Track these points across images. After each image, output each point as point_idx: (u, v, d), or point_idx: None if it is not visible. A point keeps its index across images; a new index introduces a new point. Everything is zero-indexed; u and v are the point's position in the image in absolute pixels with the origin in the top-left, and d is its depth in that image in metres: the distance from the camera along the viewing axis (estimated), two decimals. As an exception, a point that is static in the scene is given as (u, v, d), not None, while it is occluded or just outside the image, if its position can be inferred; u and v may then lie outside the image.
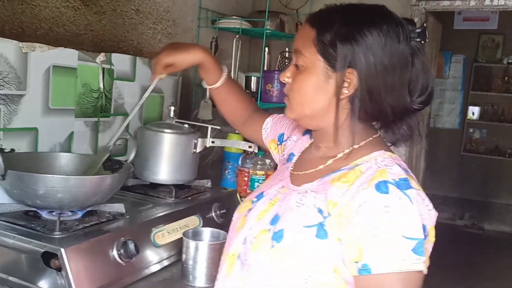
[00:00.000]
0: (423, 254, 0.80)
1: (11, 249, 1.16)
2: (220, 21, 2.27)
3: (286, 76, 0.98)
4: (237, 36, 2.20)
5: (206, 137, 1.75)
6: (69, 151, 1.55)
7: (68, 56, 1.51)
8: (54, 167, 1.43)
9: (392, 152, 0.93)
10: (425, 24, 0.95)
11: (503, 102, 5.84)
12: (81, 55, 1.55)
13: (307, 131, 1.13)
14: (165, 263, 1.37)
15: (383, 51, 0.87)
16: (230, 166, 2.20)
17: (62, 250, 1.08)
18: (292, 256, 0.87)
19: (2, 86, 1.33)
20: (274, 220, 0.93)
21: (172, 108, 1.77)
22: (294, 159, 1.09)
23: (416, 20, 2.66)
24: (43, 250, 1.11)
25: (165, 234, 1.39)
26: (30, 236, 1.15)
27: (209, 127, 1.76)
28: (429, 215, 0.85)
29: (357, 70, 0.88)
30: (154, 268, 1.33)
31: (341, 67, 0.89)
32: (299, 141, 1.15)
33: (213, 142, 1.74)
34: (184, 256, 1.33)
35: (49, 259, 1.10)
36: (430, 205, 0.86)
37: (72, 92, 1.55)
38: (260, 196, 1.04)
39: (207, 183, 1.82)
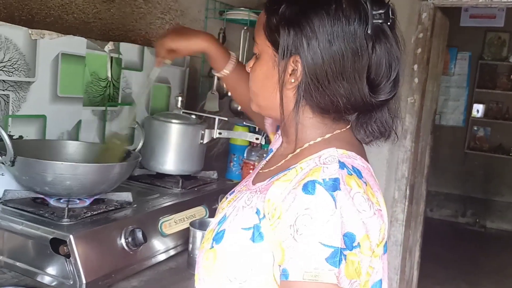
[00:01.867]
0: (337, 264, 0.69)
1: (19, 235, 1.17)
2: (227, 12, 2.27)
3: (249, 66, 0.93)
4: (245, 28, 2.19)
5: (213, 128, 1.75)
6: (76, 139, 1.55)
7: (76, 44, 1.51)
8: (62, 154, 1.43)
9: (351, 150, 0.84)
10: (389, 2, 0.82)
11: (508, 100, 5.82)
12: (89, 43, 1.55)
13: None
14: (171, 252, 1.38)
15: (330, 35, 0.78)
16: (235, 158, 2.20)
17: (71, 236, 1.08)
18: (227, 259, 0.82)
19: (11, 73, 1.33)
20: (222, 220, 0.89)
21: (180, 98, 1.77)
22: (270, 155, 1.03)
23: (424, 15, 2.65)
24: (51, 237, 1.11)
25: (172, 223, 1.39)
26: (38, 222, 1.16)
27: (216, 118, 1.76)
28: (364, 222, 0.73)
29: (301, 56, 0.79)
30: (161, 257, 1.34)
31: (283, 54, 0.81)
32: (279, 136, 1.08)
33: (220, 133, 1.74)
34: (190, 245, 1.33)
35: (57, 246, 1.10)
36: (371, 211, 0.75)
37: (80, 80, 1.55)
38: (232, 192, 1.00)
39: (213, 175, 1.83)
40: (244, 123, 1.90)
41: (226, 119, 1.81)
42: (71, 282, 1.10)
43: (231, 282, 0.80)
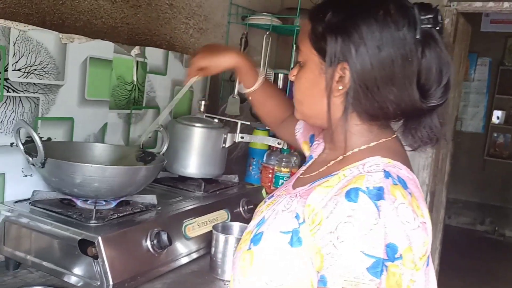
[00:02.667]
0: (378, 275, 0.69)
1: (46, 235, 1.19)
2: (250, 17, 2.28)
3: (293, 74, 0.93)
4: (267, 33, 2.20)
5: (234, 132, 1.76)
6: (102, 141, 1.58)
7: (104, 48, 1.54)
8: (88, 156, 1.46)
9: (396, 160, 0.82)
10: (438, 7, 0.81)
11: (528, 107, 5.75)
12: (116, 47, 1.58)
13: None
14: (194, 255, 1.39)
15: (379, 41, 0.78)
16: (254, 162, 2.21)
17: (99, 238, 1.10)
18: (264, 261, 0.82)
19: (42, 76, 1.35)
20: (260, 222, 0.90)
21: (203, 102, 1.79)
22: (311, 161, 1.04)
23: (447, 21, 2.63)
24: (80, 238, 1.13)
25: (195, 227, 1.41)
26: (67, 223, 1.18)
27: (239, 122, 1.78)
28: (407, 235, 0.72)
29: (349, 63, 0.80)
30: (184, 260, 1.35)
31: (331, 61, 0.81)
32: (321, 142, 1.09)
33: (242, 137, 1.76)
34: (213, 249, 1.34)
35: (85, 247, 1.12)
36: (415, 224, 0.73)
37: (107, 84, 1.58)
38: (271, 196, 1.01)
39: (234, 178, 1.84)
40: (266, 127, 1.91)
41: (248, 123, 1.83)
42: (98, 283, 1.11)
43: (267, 284, 0.80)
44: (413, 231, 0.73)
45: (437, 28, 0.80)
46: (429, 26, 0.79)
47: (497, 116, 5.89)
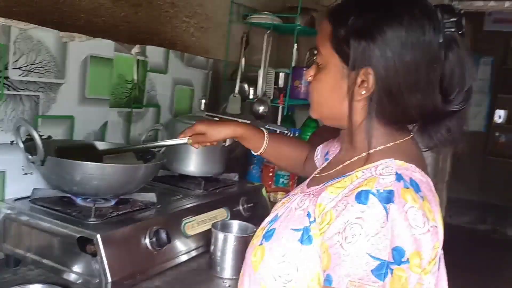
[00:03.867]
0: (382, 278, 0.69)
1: (46, 233, 1.20)
2: (251, 16, 2.28)
3: (309, 75, 0.92)
4: (268, 32, 2.20)
5: (235, 131, 1.76)
6: (102, 139, 1.58)
7: (105, 47, 1.54)
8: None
9: (410, 162, 0.81)
10: (462, 11, 0.80)
11: (531, 106, 5.74)
12: (117, 46, 1.58)
13: None
14: (193, 253, 1.40)
15: (404, 45, 0.77)
16: (255, 161, 2.21)
17: (98, 236, 1.11)
18: (274, 257, 0.83)
19: (42, 74, 1.36)
20: (273, 219, 0.91)
21: (203, 101, 1.80)
22: (326, 163, 1.04)
23: (448, 20, 2.63)
24: (79, 235, 1.14)
25: (195, 225, 1.41)
26: (66, 221, 1.18)
27: (239, 121, 1.78)
28: (416, 238, 0.72)
29: (373, 68, 0.79)
30: (183, 258, 1.36)
31: (354, 65, 0.80)
32: (337, 144, 1.09)
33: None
34: (212, 247, 1.35)
35: (84, 244, 1.13)
36: (425, 228, 0.73)
37: (108, 82, 1.58)
38: (286, 196, 1.01)
39: (235, 177, 1.84)
40: (266, 126, 1.92)
41: (248, 121, 1.83)
42: (97, 281, 1.12)
43: (276, 280, 0.81)
44: (423, 236, 0.73)
45: (460, 32, 0.80)
46: (452, 29, 0.79)
47: (499, 115, 5.88)
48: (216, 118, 1.78)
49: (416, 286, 0.74)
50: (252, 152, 1.31)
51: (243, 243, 1.28)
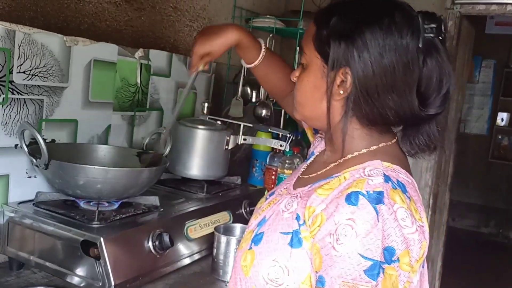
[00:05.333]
0: (375, 277, 0.70)
1: (50, 236, 1.20)
2: (254, 20, 2.29)
3: (295, 76, 0.93)
4: (270, 35, 2.21)
5: (237, 134, 1.77)
6: (106, 143, 1.59)
7: (108, 50, 1.55)
8: (92, 158, 1.47)
9: (396, 164, 0.83)
10: (442, 16, 0.82)
11: (534, 109, 5.73)
12: (120, 50, 1.59)
13: None
14: (196, 256, 1.40)
15: (382, 48, 0.79)
16: (257, 164, 2.21)
17: (102, 239, 1.11)
18: (265, 261, 0.83)
19: (46, 78, 1.37)
20: (261, 222, 0.91)
21: (206, 104, 1.80)
22: (311, 159, 1.04)
23: (450, 23, 2.63)
24: (82, 239, 1.14)
25: (197, 228, 1.42)
26: (69, 224, 1.19)
27: (242, 124, 1.78)
28: (405, 238, 0.73)
29: (351, 69, 0.80)
30: (186, 261, 1.36)
31: (333, 65, 0.82)
32: (323, 140, 1.07)
33: (245, 139, 1.77)
34: (215, 250, 1.35)
35: (88, 248, 1.13)
36: (413, 227, 0.75)
37: (111, 86, 1.59)
38: (272, 193, 1.01)
39: (237, 180, 1.85)
40: (269, 129, 1.92)
41: (250, 125, 1.83)
42: (100, 284, 1.13)
43: (267, 284, 0.82)
44: (412, 235, 0.74)
45: (440, 37, 0.81)
46: (432, 35, 0.80)
47: (502, 118, 5.87)
48: (219, 122, 1.79)
49: (405, 285, 0.75)
50: (242, 62, 1.26)
51: (246, 247, 1.28)
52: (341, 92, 0.83)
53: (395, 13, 0.81)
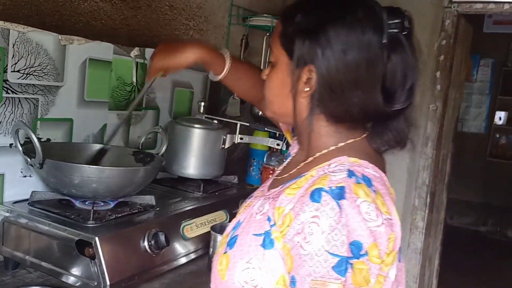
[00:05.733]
0: (343, 273, 0.70)
1: (45, 235, 1.20)
2: (251, 19, 2.28)
3: (265, 74, 0.93)
4: (267, 34, 2.20)
5: (234, 133, 1.77)
6: (101, 142, 1.58)
7: (104, 49, 1.55)
8: (88, 157, 1.46)
9: (363, 159, 0.83)
10: (406, 13, 0.82)
11: (531, 108, 5.74)
12: (116, 49, 1.58)
13: None
14: (192, 256, 1.40)
15: (345, 45, 0.79)
16: (255, 163, 2.21)
17: (97, 238, 1.11)
18: (239, 264, 0.83)
19: (41, 77, 1.36)
20: (236, 225, 0.90)
21: (202, 103, 1.80)
22: (287, 161, 1.03)
23: (447, 22, 2.63)
24: (77, 238, 1.14)
25: (194, 227, 1.41)
26: (65, 224, 1.19)
27: (238, 123, 1.78)
28: (371, 231, 0.73)
29: (315, 66, 0.80)
30: (182, 260, 1.36)
31: (298, 63, 0.82)
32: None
33: (241, 138, 1.76)
34: (211, 249, 1.35)
35: (83, 247, 1.13)
36: (378, 220, 0.74)
37: (107, 85, 1.58)
38: (250, 197, 1.00)
39: (234, 179, 1.84)
40: (266, 128, 1.92)
41: (247, 124, 1.83)
42: (95, 283, 1.12)
43: (243, 287, 0.81)
44: (377, 228, 0.74)
45: (404, 33, 0.81)
46: (396, 30, 0.80)
47: (500, 117, 5.88)
48: (215, 121, 1.78)
49: (379, 279, 0.75)
50: (210, 75, 1.26)
51: (242, 246, 1.28)
52: (307, 89, 0.83)
53: (358, 9, 0.81)
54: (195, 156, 1.69)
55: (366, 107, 0.81)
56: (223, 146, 1.74)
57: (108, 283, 1.11)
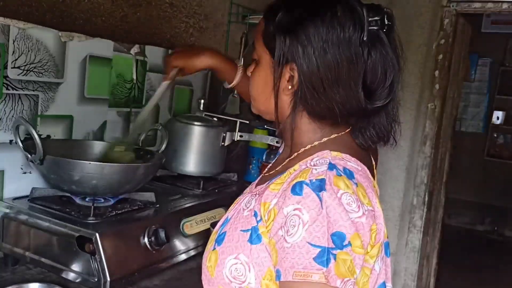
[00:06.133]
0: (325, 264, 0.70)
1: (45, 232, 1.20)
2: (250, 17, 2.28)
3: (250, 71, 0.94)
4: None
5: (234, 130, 1.77)
6: (101, 139, 1.58)
7: (104, 46, 1.55)
8: (88, 154, 1.47)
9: (345, 152, 0.84)
10: (386, 9, 0.82)
11: (529, 107, 5.75)
12: (116, 46, 1.58)
13: None
14: (192, 253, 1.40)
15: (325, 42, 0.79)
16: (254, 161, 2.21)
17: (97, 235, 1.11)
18: (227, 260, 0.83)
19: (41, 73, 1.36)
20: (224, 222, 0.91)
21: (202, 101, 1.80)
22: (275, 158, 1.05)
23: (446, 21, 2.64)
24: (78, 234, 1.14)
25: (193, 224, 1.42)
26: (65, 220, 1.19)
27: (238, 121, 1.78)
28: (353, 222, 0.73)
29: (296, 64, 0.81)
30: (181, 257, 1.36)
31: (279, 61, 0.83)
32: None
33: (241, 136, 1.77)
34: (211, 246, 1.35)
35: (83, 243, 1.13)
36: (360, 212, 0.75)
37: (107, 82, 1.58)
38: (241, 193, 1.02)
39: (233, 177, 1.85)
40: (265, 126, 1.92)
41: (247, 122, 1.83)
42: (96, 279, 1.13)
43: (231, 282, 0.82)
44: (359, 219, 0.75)
45: (384, 30, 0.81)
46: (376, 28, 0.80)
47: (497, 116, 5.89)
48: (215, 118, 1.79)
49: (365, 271, 0.76)
50: (224, 84, 1.35)
51: (242, 243, 1.28)
52: (289, 87, 0.84)
53: (338, 6, 0.81)
54: (194, 154, 1.69)
55: (348, 104, 0.82)
56: (222, 143, 1.74)
57: (108, 279, 1.11)
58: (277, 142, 1.78)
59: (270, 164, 1.03)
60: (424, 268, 3.00)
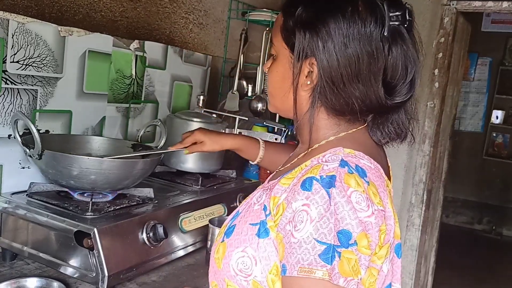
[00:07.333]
0: (329, 261, 0.69)
1: (43, 226, 1.20)
2: (250, 13, 2.28)
3: (266, 67, 0.93)
4: (267, 29, 2.20)
5: (233, 127, 1.76)
6: (100, 135, 1.58)
7: (103, 41, 1.54)
8: (86, 149, 1.47)
9: (359, 150, 0.82)
10: (407, 5, 0.81)
11: (528, 107, 5.75)
12: (115, 41, 1.58)
13: None
14: (190, 249, 1.40)
15: (346, 37, 0.78)
16: (253, 158, 2.21)
17: (95, 230, 1.11)
18: (234, 252, 0.83)
19: (40, 68, 1.36)
20: (235, 216, 0.91)
21: (201, 97, 1.80)
22: (291, 154, 1.04)
23: (446, 20, 2.64)
24: (76, 229, 1.14)
25: (192, 220, 1.41)
26: (63, 215, 1.18)
27: (237, 117, 1.78)
28: (361, 221, 0.72)
29: (316, 59, 0.80)
30: (180, 253, 1.36)
31: (299, 56, 0.82)
32: None
33: (240, 132, 1.76)
34: (209, 243, 1.35)
35: (81, 238, 1.13)
36: (369, 211, 0.74)
37: (106, 77, 1.58)
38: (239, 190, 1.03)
39: (232, 173, 1.84)
40: (264, 123, 1.92)
41: (246, 118, 1.83)
42: (94, 274, 1.12)
43: (237, 275, 0.82)
44: (368, 218, 0.74)
45: (405, 25, 0.80)
46: (397, 23, 0.79)
47: (497, 116, 5.89)
48: (214, 115, 1.78)
49: (372, 271, 0.75)
50: (250, 162, 1.39)
51: (240, 239, 1.28)
52: (308, 82, 0.83)
53: (359, 1, 0.80)
54: (193, 150, 1.69)
55: (367, 100, 0.81)
56: (221, 141, 1.73)
57: (106, 274, 1.11)
58: (276, 139, 1.77)
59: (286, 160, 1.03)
60: (422, 266, 3.01)
